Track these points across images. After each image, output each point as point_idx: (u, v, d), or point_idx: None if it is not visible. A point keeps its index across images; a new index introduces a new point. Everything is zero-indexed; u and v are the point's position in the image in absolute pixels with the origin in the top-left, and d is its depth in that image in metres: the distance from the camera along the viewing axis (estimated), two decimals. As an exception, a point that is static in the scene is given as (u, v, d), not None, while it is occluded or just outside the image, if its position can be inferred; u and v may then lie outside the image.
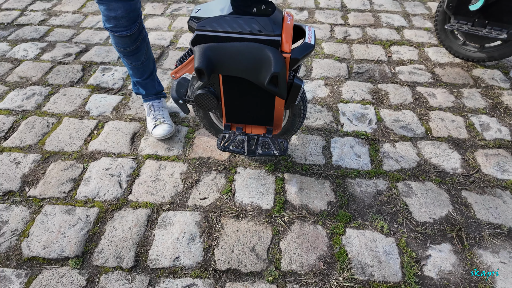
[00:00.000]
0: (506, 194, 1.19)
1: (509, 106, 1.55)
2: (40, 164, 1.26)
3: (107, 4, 1.02)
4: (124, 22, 1.06)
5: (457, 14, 1.63)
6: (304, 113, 1.15)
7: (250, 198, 1.16)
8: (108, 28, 1.09)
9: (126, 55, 1.19)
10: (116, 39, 1.13)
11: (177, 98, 1.09)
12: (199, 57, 0.87)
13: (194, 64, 0.88)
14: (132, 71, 1.27)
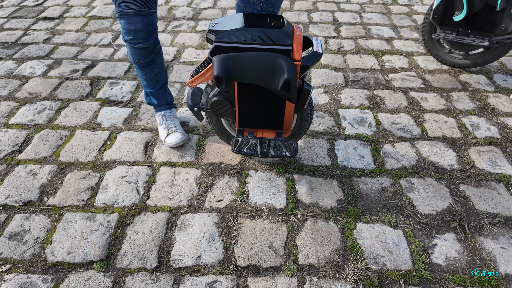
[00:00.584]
0: (500, 186, 1.28)
1: (496, 107, 1.67)
2: (57, 175, 1.30)
3: (128, 19, 1.09)
4: (142, 35, 1.14)
5: (443, 24, 1.77)
6: (311, 117, 1.23)
7: (264, 199, 1.22)
8: (127, 40, 1.16)
9: (142, 66, 1.26)
10: (133, 50, 1.20)
11: (192, 106, 1.16)
12: (218, 66, 0.95)
13: (214, 73, 0.95)
14: (146, 82, 1.34)
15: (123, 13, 1.08)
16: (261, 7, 1.07)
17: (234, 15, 1.05)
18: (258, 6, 1.07)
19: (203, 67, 1.09)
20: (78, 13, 2.54)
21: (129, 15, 1.08)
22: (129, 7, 1.06)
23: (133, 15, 1.08)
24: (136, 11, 1.07)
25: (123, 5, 1.06)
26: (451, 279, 1.00)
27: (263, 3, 1.06)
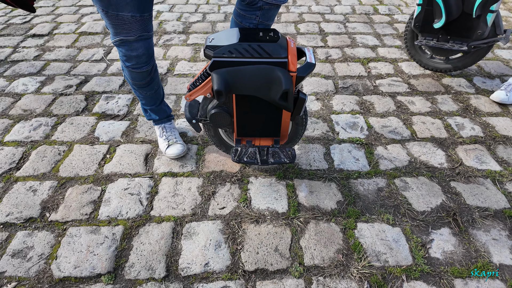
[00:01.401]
0: (487, 181, 1.35)
1: (477, 108, 1.76)
2: (58, 190, 1.30)
3: (129, 45, 1.10)
4: (144, 59, 1.15)
5: (424, 31, 1.88)
6: (306, 123, 1.28)
7: (266, 204, 1.25)
8: (129, 66, 1.16)
9: (142, 87, 1.27)
10: (133, 74, 1.20)
11: (190, 118, 1.19)
12: (218, 80, 0.99)
13: (213, 87, 0.99)
14: (145, 101, 1.35)
15: (124, 41, 1.08)
16: (257, 21, 1.12)
17: (229, 30, 1.09)
18: (254, 21, 1.12)
19: (201, 80, 1.13)
20: (67, 29, 2.55)
21: (130, 42, 1.09)
22: (130, 34, 1.06)
23: (134, 42, 1.09)
24: (137, 37, 1.08)
25: (123, 33, 1.06)
26: (450, 272, 1.05)
27: (260, 18, 1.11)
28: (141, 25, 1.06)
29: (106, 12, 1.00)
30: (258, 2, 1.06)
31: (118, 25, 1.04)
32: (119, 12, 1.00)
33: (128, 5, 0.99)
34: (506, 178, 1.36)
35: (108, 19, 1.03)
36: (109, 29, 1.08)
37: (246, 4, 1.08)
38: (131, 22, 1.04)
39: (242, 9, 1.11)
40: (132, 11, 1.01)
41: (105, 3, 0.98)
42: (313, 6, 2.98)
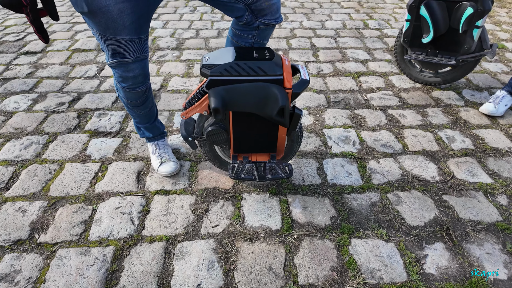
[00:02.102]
0: (479, 194, 1.36)
1: (467, 121, 1.79)
2: (48, 210, 1.28)
3: (126, 67, 1.10)
4: (141, 79, 1.16)
5: (413, 46, 1.92)
6: (301, 138, 1.29)
7: (259, 221, 1.24)
8: (125, 86, 1.17)
9: (136, 106, 1.27)
10: (129, 94, 1.20)
11: (186, 136, 1.19)
12: (215, 98, 1.00)
13: (211, 105, 0.99)
14: (139, 119, 1.35)
15: (121, 63, 1.09)
16: (253, 41, 1.14)
17: (224, 49, 1.11)
18: (250, 40, 1.14)
19: (197, 98, 1.13)
20: (61, 46, 2.56)
21: (126, 63, 1.09)
22: (127, 56, 1.07)
23: (131, 63, 1.10)
24: (134, 59, 1.09)
25: (120, 55, 1.06)
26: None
27: (256, 37, 1.13)
28: (138, 47, 1.07)
29: (104, 36, 1.01)
30: (255, 23, 1.08)
31: (115, 48, 1.04)
32: (117, 36, 1.01)
33: (126, 28, 1.00)
34: (498, 191, 1.37)
35: (105, 43, 1.03)
36: (105, 51, 1.08)
37: (243, 25, 1.10)
38: (128, 44, 1.04)
39: (238, 29, 1.13)
40: (130, 34, 1.02)
41: (103, 28, 0.98)
42: (304, 22, 3.04)
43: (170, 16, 3.14)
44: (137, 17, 1.00)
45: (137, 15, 0.99)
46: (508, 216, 1.27)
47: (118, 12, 0.94)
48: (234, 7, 1.05)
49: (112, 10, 0.93)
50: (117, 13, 0.94)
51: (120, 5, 0.93)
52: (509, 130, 1.72)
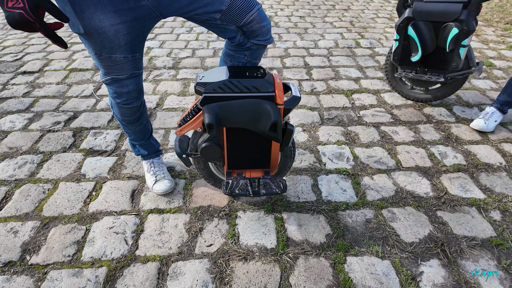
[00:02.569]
0: (473, 210, 1.37)
1: (459, 136, 1.82)
2: (40, 231, 1.26)
3: (120, 83, 1.12)
4: (135, 94, 1.18)
5: (403, 64, 1.97)
6: (294, 154, 1.31)
7: (254, 239, 1.24)
8: (119, 102, 1.18)
9: (131, 122, 1.29)
10: (123, 110, 1.22)
11: (180, 153, 1.21)
12: (209, 114, 1.02)
13: (205, 120, 1.01)
14: (134, 136, 1.36)
15: (115, 79, 1.11)
16: (246, 60, 1.17)
17: (218, 68, 1.14)
18: (243, 60, 1.17)
19: (191, 116, 1.15)
20: (58, 66, 2.60)
21: (121, 79, 1.12)
22: (122, 73, 1.09)
23: (125, 79, 1.12)
24: (128, 75, 1.11)
25: (115, 72, 1.09)
26: (441, 305, 1.03)
27: (248, 57, 1.16)
28: (132, 64, 1.10)
29: (99, 55, 1.03)
30: (247, 43, 1.12)
31: (110, 65, 1.07)
32: (112, 55, 1.04)
33: (121, 48, 1.03)
34: (491, 206, 1.38)
35: (100, 61, 1.06)
36: (100, 69, 1.11)
37: (235, 45, 1.14)
38: (123, 62, 1.07)
39: (231, 49, 1.17)
40: (125, 53, 1.05)
41: (98, 47, 1.01)
42: (298, 41, 3.12)
43: (167, 36, 3.21)
44: (132, 37, 1.03)
45: (133, 35, 1.02)
46: (502, 232, 1.27)
47: (114, 33, 0.97)
48: (227, 29, 1.08)
49: (108, 31, 0.96)
50: (113, 34, 0.97)
51: (116, 26, 0.96)
52: (499, 145, 1.75)
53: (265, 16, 1.10)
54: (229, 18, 1.05)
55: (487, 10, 3.98)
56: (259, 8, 1.07)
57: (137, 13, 0.98)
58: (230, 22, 1.06)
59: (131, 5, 0.96)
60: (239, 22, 1.06)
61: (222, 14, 1.03)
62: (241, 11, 1.04)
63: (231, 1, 1.02)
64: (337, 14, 3.89)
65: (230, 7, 1.03)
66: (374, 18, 3.76)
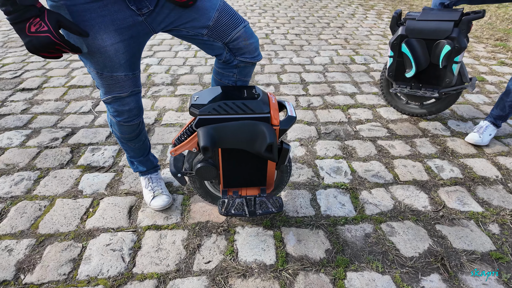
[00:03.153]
0: (471, 223, 1.37)
1: (454, 150, 1.84)
2: (35, 249, 1.24)
3: (121, 101, 1.13)
4: (135, 112, 1.19)
5: (397, 80, 2.01)
6: (290, 170, 1.31)
7: (253, 256, 1.22)
8: (120, 121, 1.19)
9: (131, 139, 1.29)
10: (124, 128, 1.23)
11: (175, 172, 1.20)
12: (204, 137, 1.02)
13: (200, 143, 1.02)
14: (133, 153, 1.36)
15: (116, 98, 1.12)
16: (235, 78, 1.19)
17: (212, 89, 1.15)
18: (233, 78, 1.19)
19: (185, 135, 1.16)
20: (57, 83, 2.62)
21: (122, 98, 1.13)
22: (123, 90, 1.11)
23: (126, 97, 1.13)
24: (129, 93, 1.13)
25: (116, 90, 1.10)
26: (444, 322, 1.02)
27: (237, 75, 1.18)
28: (132, 82, 1.12)
29: (101, 74, 1.05)
30: (234, 61, 1.14)
31: (111, 84, 1.08)
32: (114, 73, 1.05)
33: (122, 66, 1.04)
34: (489, 219, 1.39)
35: (102, 80, 1.07)
36: (100, 88, 1.12)
37: (223, 63, 1.16)
38: (124, 80, 1.08)
39: (220, 68, 1.19)
40: (126, 71, 1.07)
41: (100, 66, 1.02)
42: (294, 58, 3.18)
43: (165, 54, 3.26)
44: (131, 55, 1.05)
45: (130, 53, 1.04)
46: (502, 245, 1.27)
47: (114, 51, 0.99)
48: (214, 46, 1.10)
49: (109, 50, 0.98)
50: (113, 53, 0.99)
51: (116, 45, 0.98)
52: (495, 159, 1.77)
53: (252, 33, 1.12)
54: (215, 34, 1.07)
55: (477, 27, 4.10)
56: (245, 25, 1.09)
57: (133, 31, 1.00)
58: (217, 39, 1.08)
59: (129, 23, 0.98)
60: (225, 38, 1.08)
61: (209, 30, 1.05)
62: (227, 28, 1.06)
63: (218, 17, 1.05)
64: (331, 32, 3.98)
65: (217, 23, 1.05)
66: (368, 35, 3.85)
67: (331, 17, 4.66)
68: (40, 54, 0.84)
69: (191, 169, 1.21)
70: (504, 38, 3.70)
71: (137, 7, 0.97)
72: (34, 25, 0.80)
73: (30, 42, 0.80)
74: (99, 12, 0.92)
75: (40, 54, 0.84)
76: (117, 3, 0.94)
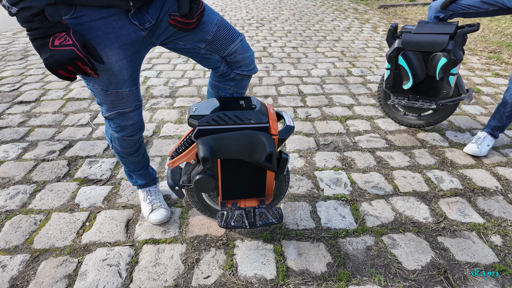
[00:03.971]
0: (473, 235, 1.36)
1: (453, 161, 1.84)
2: (30, 264, 1.21)
3: (125, 116, 1.12)
4: (138, 126, 1.18)
5: (395, 92, 2.03)
6: (289, 179, 1.30)
7: (253, 270, 1.20)
8: (123, 135, 1.18)
9: (131, 153, 1.27)
10: (125, 143, 1.21)
11: (173, 185, 1.19)
12: (203, 148, 1.02)
13: (200, 154, 1.01)
14: (132, 167, 1.34)
15: (120, 113, 1.11)
16: (232, 91, 1.19)
17: (210, 100, 1.15)
18: (229, 90, 1.19)
19: (184, 147, 1.15)
20: (55, 95, 2.62)
21: (126, 113, 1.12)
22: (127, 106, 1.10)
23: (129, 112, 1.12)
24: (133, 107, 1.12)
25: (120, 106, 1.09)
26: (449, 337, 0.99)
27: (234, 87, 1.19)
28: (135, 96, 1.11)
29: (106, 91, 1.04)
30: (231, 74, 1.14)
31: (116, 100, 1.07)
32: (119, 90, 1.04)
33: (126, 82, 1.04)
34: (490, 231, 1.37)
35: (106, 96, 1.05)
36: (103, 105, 1.09)
37: (220, 75, 1.16)
38: (128, 96, 1.08)
39: (216, 80, 1.19)
40: (130, 86, 1.06)
41: (105, 83, 1.02)
42: (291, 70, 3.21)
43: (164, 66, 3.28)
44: (133, 70, 1.05)
45: (133, 68, 1.04)
46: (504, 257, 1.26)
47: (118, 68, 0.99)
48: (211, 59, 1.11)
49: (114, 67, 0.98)
50: (118, 70, 0.99)
51: (120, 62, 0.98)
52: (494, 169, 1.77)
53: (248, 47, 1.14)
54: (213, 48, 1.08)
55: (471, 40, 4.18)
56: (242, 39, 1.11)
57: (136, 46, 1.01)
58: (214, 52, 1.09)
59: (133, 39, 0.98)
60: (223, 52, 1.09)
61: (207, 43, 1.06)
62: (225, 41, 1.07)
63: (216, 31, 1.06)
64: (328, 45, 4.04)
65: (215, 37, 1.06)
66: (364, 48, 3.91)
67: (327, 30, 4.74)
68: (58, 72, 0.83)
69: (189, 181, 1.20)
70: (498, 51, 3.76)
71: (139, 22, 0.97)
72: (58, 38, 0.79)
73: (52, 56, 0.79)
74: (104, 29, 0.92)
75: (58, 72, 0.83)
76: (121, 20, 0.94)
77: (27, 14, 0.74)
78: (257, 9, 6.34)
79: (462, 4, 1.78)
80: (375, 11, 6.06)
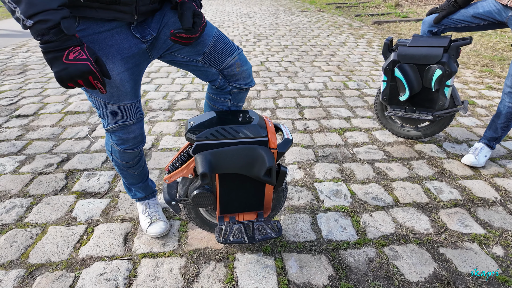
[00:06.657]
0: (474, 246, 1.35)
1: (452, 172, 1.85)
2: (25, 280, 1.18)
3: (127, 129, 1.12)
4: (140, 138, 1.18)
5: (391, 104, 2.05)
6: (286, 190, 1.30)
7: (254, 284, 1.17)
8: (125, 148, 1.17)
9: (131, 166, 1.27)
10: (126, 155, 1.21)
11: (170, 200, 1.17)
12: (202, 163, 1.01)
13: (199, 170, 1.00)
14: (132, 179, 1.33)
15: (122, 126, 1.11)
16: (229, 104, 1.20)
17: (208, 114, 1.15)
18: (226, 103, 1.20)
19: (181, 161, 1.14)
20: (54, 109, 2.62)
21: (128, 125, 1.12)
22: (129, 118, 1.10)
23: (131, 125, 1.12)
24: (136, 120, 1.12)
25: (122, 119, 1.09)
26: None
27: (231, 100, 1.19)
28: (137, 108, 1.11)
29: (108, 103, 1.04)
30: (228, 87, 1.15)
31: (118, 113, 1.07)
32: (121, 102, 1.05)
33: (128, 94, 1.05)
34: (492, 242, 1.37)
35: (108, 109, 1.05)
36: (105, 117, 1.09)
37: (217, 88, 1.17)
38: (130, 108, 1.08)
39: (213, 93, 1.20)
40: (132, 99, 1.07)
41: (107, 96, 1.02)
42: (289, 84, 3.25)
43: (162, 80, 3.31)
44: (134, 83, 1.06)
45: (134, 81, 1.05)
46: (507, 268, 1.25)
47: (120, 81, 1.00)
48: (208, 72, 1.12)
49: (115, 80, 0.99)
50: (120, 82, 1.00)
51: (121, 74, 0.99)
52: (492, 180, 1.77)
53: (246, 60, 1.15)
54: (210, 61, 1.09)
55: (464, 54, 4.27)
56: (239, 53, 1.12)
57: (136, 59, 1.02)
58: (211, 65, 1.10)
59: (134, 51, 1.00)
60: (220, 65, 1.10)
61: (204, 56, 1.08)
62: (222, 54, 1.09)
63: (213, 44, 1.07)
64: (324, 59, 4.11)
65: (212, 50, 1.07)
66: (360, 62, 3.98)
67: (323, 45, 4.83)
68: (68, 84, 0.83)
69: (186, 196, 1.18)
70: (490, 64, 3.85)
71: (141, 35, 0.99)
72: (73, 52, 0.80)
73: (65, 69, 0.80)
74: (106, 42, 0.93)
75: (68, 84, 0.83)
76: (123, 32, 0.96)
77: (43, 27, 0.74)
78: (254, 25, 6.48)
79: (454, 18, 1.83)
80: (369, 27, 6.20)
